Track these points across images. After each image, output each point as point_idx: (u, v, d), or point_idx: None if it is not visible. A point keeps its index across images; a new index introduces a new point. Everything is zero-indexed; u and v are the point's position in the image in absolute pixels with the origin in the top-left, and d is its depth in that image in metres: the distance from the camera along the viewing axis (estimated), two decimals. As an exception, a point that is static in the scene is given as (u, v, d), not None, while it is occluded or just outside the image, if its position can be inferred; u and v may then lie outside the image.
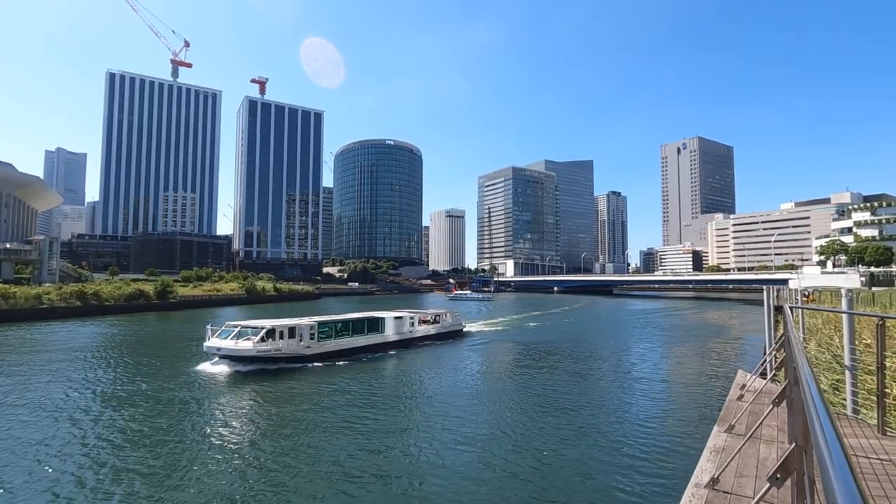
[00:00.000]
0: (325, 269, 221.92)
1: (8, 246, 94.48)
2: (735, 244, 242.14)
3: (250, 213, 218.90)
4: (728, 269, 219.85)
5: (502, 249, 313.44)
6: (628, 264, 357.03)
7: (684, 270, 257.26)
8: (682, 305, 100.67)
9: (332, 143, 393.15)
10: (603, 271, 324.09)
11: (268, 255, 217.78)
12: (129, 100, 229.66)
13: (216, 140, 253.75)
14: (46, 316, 57.91)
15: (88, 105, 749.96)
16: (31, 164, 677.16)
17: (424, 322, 41.89)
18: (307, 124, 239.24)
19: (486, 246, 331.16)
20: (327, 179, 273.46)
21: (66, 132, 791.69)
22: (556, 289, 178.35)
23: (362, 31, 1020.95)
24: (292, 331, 29.66)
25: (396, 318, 37.48)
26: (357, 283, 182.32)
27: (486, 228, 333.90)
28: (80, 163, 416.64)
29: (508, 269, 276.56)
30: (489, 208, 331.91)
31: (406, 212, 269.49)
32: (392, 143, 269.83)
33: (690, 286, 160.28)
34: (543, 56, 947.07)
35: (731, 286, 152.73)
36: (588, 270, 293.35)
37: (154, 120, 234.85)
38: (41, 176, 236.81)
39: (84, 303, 64.76)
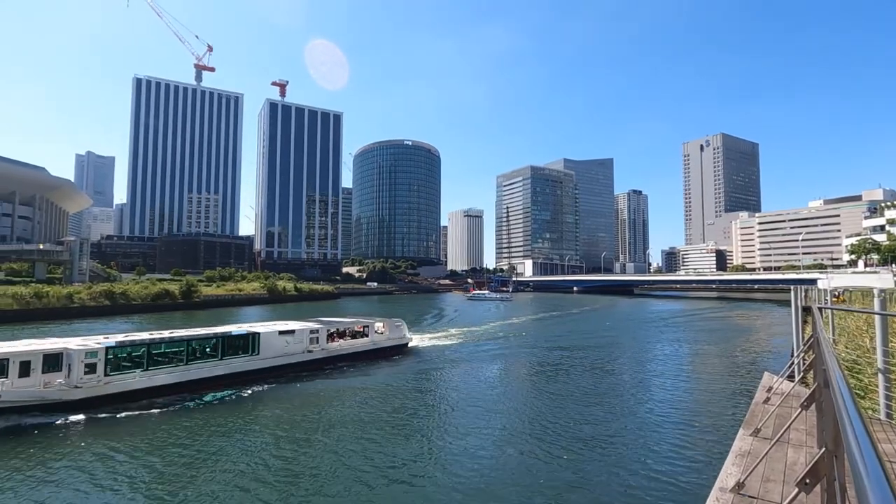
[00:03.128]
0: (344, 269, 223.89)
1: (41, 247, 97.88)
2: (761, 243, 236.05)
3: (271, 213, 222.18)
4: (753, 269, 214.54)
5: (521, 249, 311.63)
6: (649, 264, 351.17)
7: (707, 270, 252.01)
8: (705, 306, 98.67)
9: (350, 145, 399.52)
10: (623, 271, 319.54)
11: (288, 255, 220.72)
12: (154, 104, 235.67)
13: (238, 142, 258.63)
14: (77, 314, 59.87)
15: (116, 109, 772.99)
16: (63, 168, 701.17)
17: (344, 335, 31.62)
18: (326, 126, 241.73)
19: (504, 246, 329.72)
20: (346, 180, 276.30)
21: (96, 136, 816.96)
22: (575, 289, 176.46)
23: (379, 35, 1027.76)
24: (52, 360, 19.10)
25: (283, 332, 26.78)
26: (376, 283, 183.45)
27: (504, 228, 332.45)
28: (108, 166, 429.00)
29: (527, 269, 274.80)
30: (507, 208, 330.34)
31: (424, 212, 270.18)
32: (410, 143, 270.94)
33: (714, 286, 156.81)
34: (562, 56, 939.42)
35: (756, 286, 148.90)
36: (608, 270, 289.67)
37: (179, 123, 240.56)
38: (72, 179, 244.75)
39: (113, 302, 66.79)
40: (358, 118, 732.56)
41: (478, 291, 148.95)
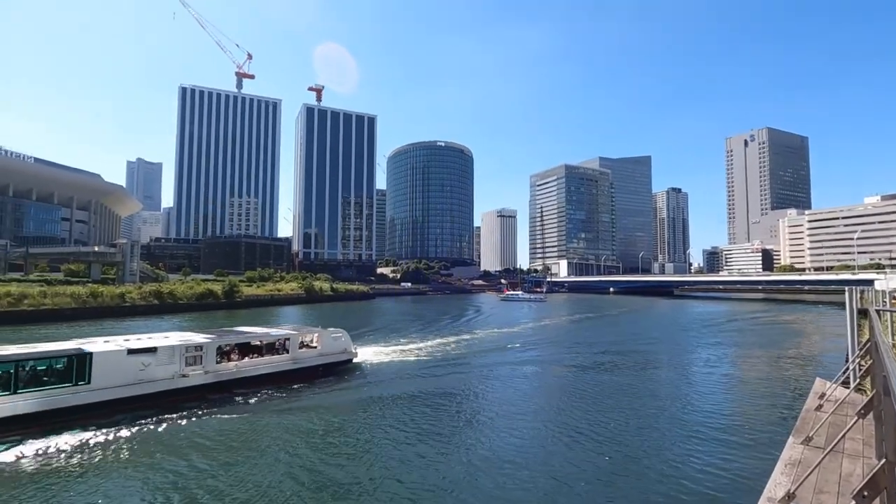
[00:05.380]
0: (378, 270, 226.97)
1: (96, 249, 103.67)
2: (811, 242, 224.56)
3: (308, 215, 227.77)
4: (803, 269, 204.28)
5: (555, 249, 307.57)
6: (690, 264, 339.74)
7: (752, 270, 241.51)
8: (751, 308, 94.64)
9: (384, 147, 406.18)
10: (662, 271, 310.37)
11: (325, 256, 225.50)
12: (199, 112, 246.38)
13: (277, 146, 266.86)
14: (129, 313, 63.19)
15: (164, 118, 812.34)
16: (115, 174, 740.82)
17: (253, 351, 23.92)
18: (361, 129, 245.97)
19: (538, 246, 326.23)
20: (381, 182, 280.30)
21: (145, 143, 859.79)
22: (611, 290, 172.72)
23: (410, 38, 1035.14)
24: None
25: (137, 350, 19.21)
26: (410, 284, 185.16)
27: (538, 228, 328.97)
28: (156, 172, 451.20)
29: (562, 270, 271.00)
30: (541, 207, 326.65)
31: (457, 212, 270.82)
32: (443, 144, 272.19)
33: (760, 287, 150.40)
34: (597, 54, 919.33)
35: (806, 287, 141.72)
36: (646, 271, 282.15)
37: (221, 130, 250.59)
38: (123, 184, 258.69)
39: (161, 301, 70.08)
40: (392, 120, 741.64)
41: (511, 292, 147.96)
